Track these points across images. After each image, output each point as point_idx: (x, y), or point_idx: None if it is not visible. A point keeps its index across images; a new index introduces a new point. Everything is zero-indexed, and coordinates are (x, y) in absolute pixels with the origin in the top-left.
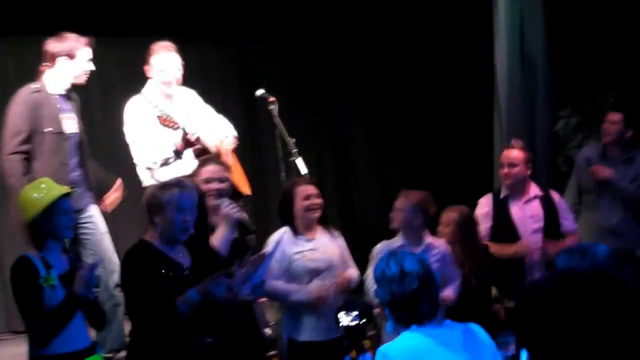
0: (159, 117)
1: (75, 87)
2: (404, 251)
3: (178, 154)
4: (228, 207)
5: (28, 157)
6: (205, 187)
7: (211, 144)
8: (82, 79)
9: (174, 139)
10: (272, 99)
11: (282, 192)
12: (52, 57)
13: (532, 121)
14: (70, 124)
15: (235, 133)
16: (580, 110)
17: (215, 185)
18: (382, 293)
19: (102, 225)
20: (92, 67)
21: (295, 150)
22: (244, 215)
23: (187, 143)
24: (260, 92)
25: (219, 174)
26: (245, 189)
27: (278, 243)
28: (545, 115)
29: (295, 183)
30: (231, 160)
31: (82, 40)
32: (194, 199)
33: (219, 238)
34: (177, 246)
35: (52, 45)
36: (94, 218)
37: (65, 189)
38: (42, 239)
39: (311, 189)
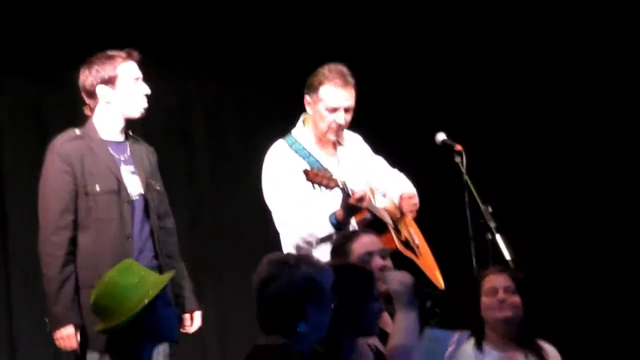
0: (306, 171)
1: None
2: None
3: (340, 226)
4: (396, 281)
5: (73, 234)
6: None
7: (386, 208)
8: (136, 111)
9: (329, 198)
10: (458, 147)
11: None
12: (89, 93)
13: None
14: (133, 181)
15: (416, 196)
16: None
17: (379, 262)
18: None
19: None
20: (145, 90)
21: (493, 223)
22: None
23: (349, 208)
24: (441, 137)
25: (379, 245)
26: (440, 282)
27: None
28: None
29: (483, 273)
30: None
31: (120, 55)
32: None
33: (395, 333)
34: None
35: (82, 76)
36: None
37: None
38: (136, 347)
39: (500, 280)
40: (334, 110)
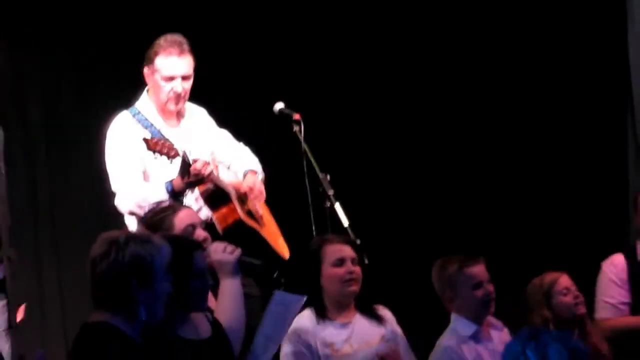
0: (146, 139)
1: None
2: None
3: (175, 195)
4: (219, 251)
5: None
6: None
7: (230, 182)
8: None
9: (170, 171)
10: (297, 116)
11: (305, 255)
12: None
13: None
14: None
15: (261, 171)
16: None
17: (201, 234)
18: None
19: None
20: None
21: (331, 191)
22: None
23: (191, 177)
24: (279, 106)
25: (199, 218)
26: (285, 251)
27: (297, 338)
28: None
29: (324, 241)
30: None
31: None
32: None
33: (222, 302)
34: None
35: None
36: None
37: None
38: None
39: (347, 251)
40: (170, 78)
